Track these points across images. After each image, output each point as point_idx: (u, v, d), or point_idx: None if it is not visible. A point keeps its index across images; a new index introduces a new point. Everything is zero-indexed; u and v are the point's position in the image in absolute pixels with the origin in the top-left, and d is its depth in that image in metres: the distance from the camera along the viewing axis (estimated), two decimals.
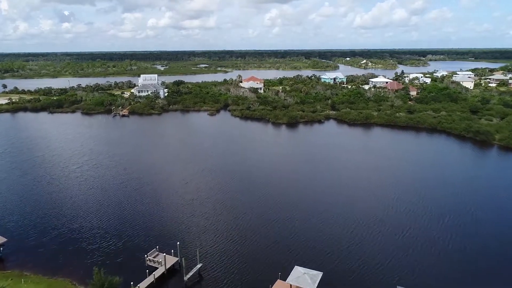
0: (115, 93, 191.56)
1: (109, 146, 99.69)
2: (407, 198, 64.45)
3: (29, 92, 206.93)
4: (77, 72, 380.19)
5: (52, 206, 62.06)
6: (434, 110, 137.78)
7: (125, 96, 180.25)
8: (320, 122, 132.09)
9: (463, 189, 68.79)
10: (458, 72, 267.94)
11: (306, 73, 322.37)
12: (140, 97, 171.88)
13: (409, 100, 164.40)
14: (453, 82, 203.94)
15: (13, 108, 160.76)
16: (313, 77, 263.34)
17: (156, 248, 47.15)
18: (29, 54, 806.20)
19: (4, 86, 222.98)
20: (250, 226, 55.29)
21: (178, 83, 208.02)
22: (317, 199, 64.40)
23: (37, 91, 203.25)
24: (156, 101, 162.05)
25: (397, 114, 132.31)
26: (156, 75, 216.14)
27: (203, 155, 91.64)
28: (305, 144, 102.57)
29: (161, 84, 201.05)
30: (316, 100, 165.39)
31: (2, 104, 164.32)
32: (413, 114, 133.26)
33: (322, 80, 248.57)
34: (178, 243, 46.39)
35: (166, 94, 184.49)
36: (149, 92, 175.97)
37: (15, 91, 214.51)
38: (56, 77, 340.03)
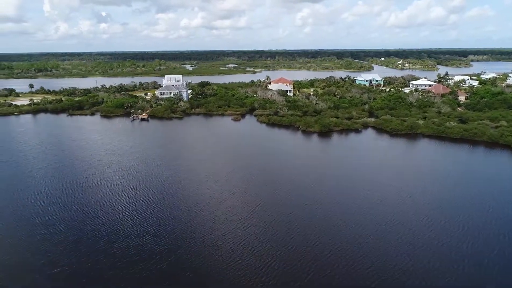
0: (138, 95, 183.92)
1: (120, 157, 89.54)
2: (480, 249, 49.21)
3: (54, 92, 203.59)
4: (107, 72, 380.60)
5: (35, 239, 51.55)
6: (490, 119, 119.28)
7: (147, 98, 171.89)
8: (357, 131, 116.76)
9: None
10: (511, 74, 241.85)
11: (339, 74, 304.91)
12: (162, 99, 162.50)
13: (458, 106, 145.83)
14: (508, 85, 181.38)
15: (34, 109, 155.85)
16: (347, 79, 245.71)
17: None
18: (66, 54, 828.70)
19: (31, 85, 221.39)
20: (276, 283, 42.27)
21: (203, 84, 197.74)
22: (371, 245, 50.43)
23: (61, 92, 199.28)
24: (178, 104, 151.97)
25: (447, 123, 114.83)
26: (181, 76, 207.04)
27: (223, 172, 79.34)
28: (346, 162, 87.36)
29: (186, 86, 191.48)
30: (352, 105, 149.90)
31: (23, 105, 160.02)
32: (466, 123, 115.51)
33: (357, 82, 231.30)
34: None
35: (190, 96, 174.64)
36: (172, 94, 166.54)
37: (41, 91, 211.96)
38: (86, 77, 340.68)
